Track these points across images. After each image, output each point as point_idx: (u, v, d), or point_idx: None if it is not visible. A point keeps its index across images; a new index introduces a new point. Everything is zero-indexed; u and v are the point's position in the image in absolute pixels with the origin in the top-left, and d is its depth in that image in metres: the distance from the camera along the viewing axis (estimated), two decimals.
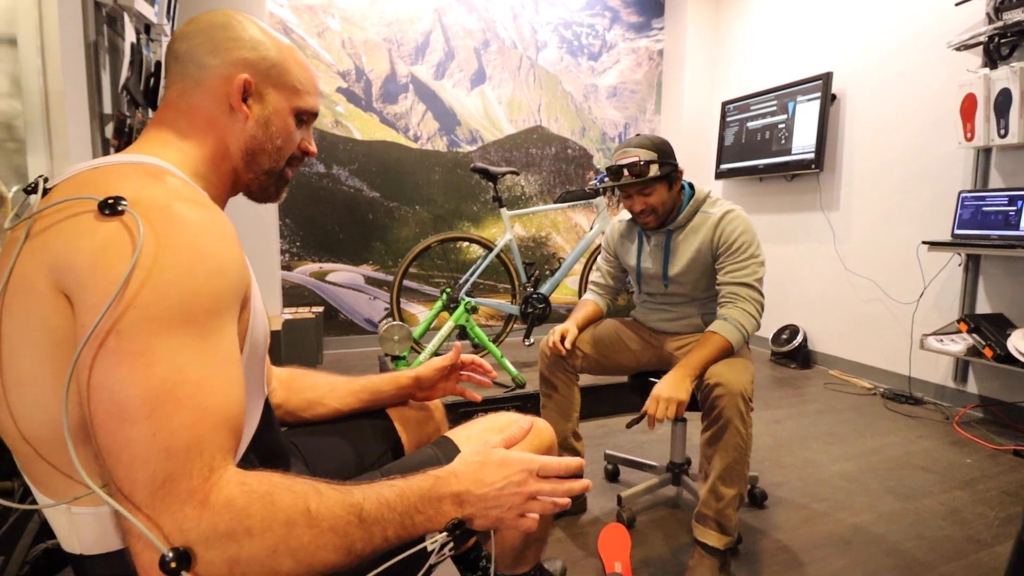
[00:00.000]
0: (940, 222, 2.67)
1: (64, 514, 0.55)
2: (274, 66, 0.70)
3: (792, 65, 3.50)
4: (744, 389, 1.29)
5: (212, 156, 0.68)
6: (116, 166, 0.58)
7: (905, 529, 1.60)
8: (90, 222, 0.50)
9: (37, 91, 1.84)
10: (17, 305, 0.51)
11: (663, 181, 1.47)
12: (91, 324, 0.46)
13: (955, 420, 2.45)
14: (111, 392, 0.46)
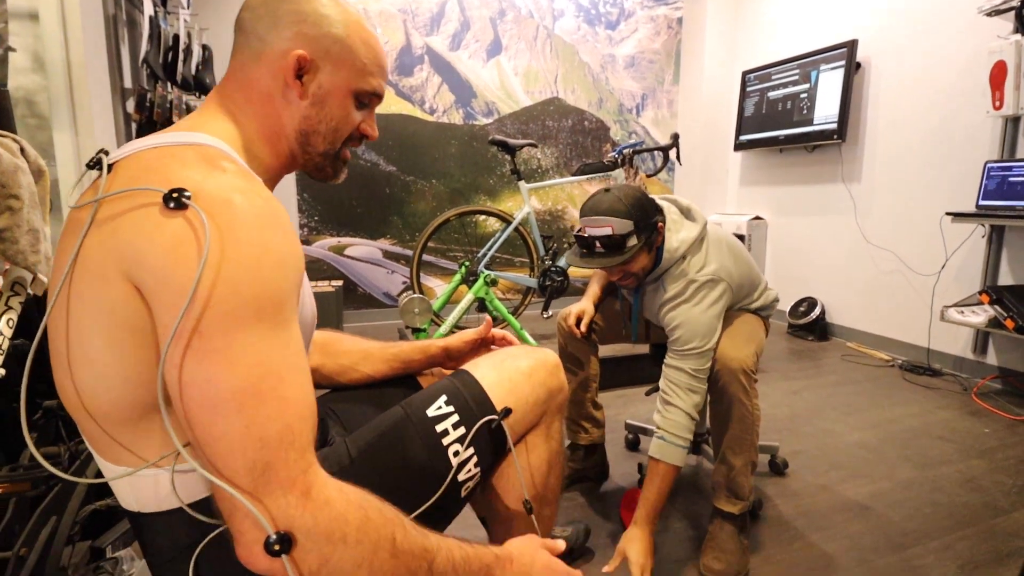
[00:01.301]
0: (965, 193, 2.63)
1: (126, 476, 0.58)
2: (336, 43, 0.67)
3: (815, 33, 3.41)
4: (744, 364, 1.29)
5: (267, 134, 0.68)
6: (174, 148, 0.57)
7: (923, 496, 1.62)
8: (157, 217, 0.50)
9: (60, 65, 1.85)
10: (86, 288, 0.52)
11: (644, 248, 1.29)
12: (171, 324, 0.49)
13: (973, 391, 2.45)
14: (201, 389, 0.49)
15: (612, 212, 1.26)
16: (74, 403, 0.56)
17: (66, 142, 1.87)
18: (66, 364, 0.54)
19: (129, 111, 2.15)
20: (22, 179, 0.90)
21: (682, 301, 1.32)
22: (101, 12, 2.01)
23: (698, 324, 1.30)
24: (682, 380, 1.30)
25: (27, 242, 0.91)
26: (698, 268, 1.34)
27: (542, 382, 0.87)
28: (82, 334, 0.53)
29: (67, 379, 0.55)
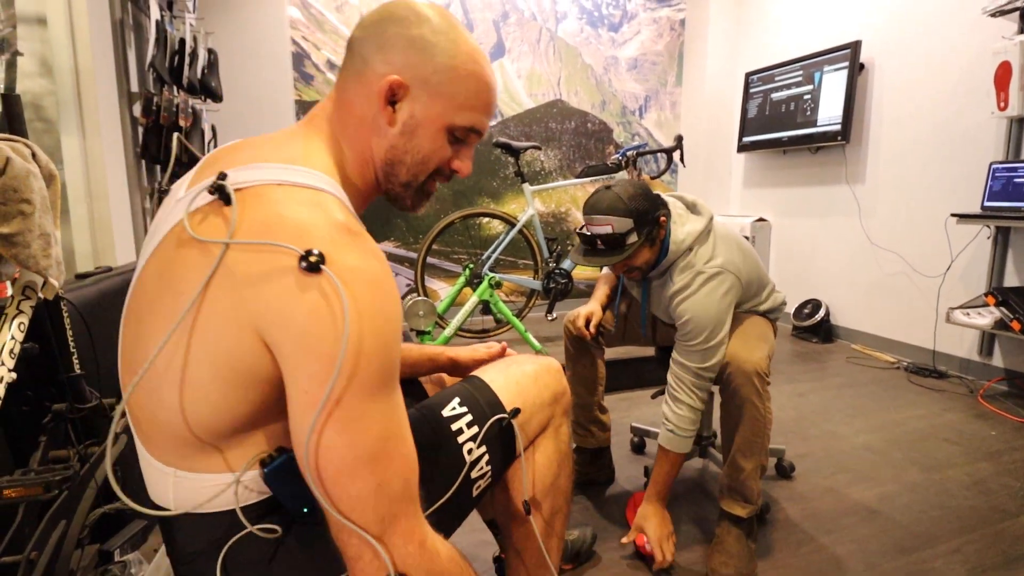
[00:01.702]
0: (970, 194, 2.63)
1: (171, 476, 0.60)
2: (438, 72, 0.64)
3: (819, 34, 3.41)
4: (758, 367, 1.28)
5: (359, 159, 0.67)
6: (297, 192, 0.57)
7: (930, 499, 1.62)
8: (295, 281, 0.52)
9: (68, 70, 1.86)
10: (211, 329, 0.54)
11: (645, 243, 1.30)
12: (307, 388, 0.52)
13: (980, 393, 2.44)
14: (340, 454, 0.53)
15: (611, 210, 1.27)
16: (150, 415, 0.59)
17: (73, 146, 1.88)
18: (158, 379, 0.56)
19: (136, 115, 2.16)
20: (34, 184, 0.90)
21: (690, 293, 1.31)
22: (108, 17, 2.02)
23: (707, 316, 1.29)
24: (689, 378, 1.33)
25: (39, 247, 0.91)
26: (705, 260, 1.34)
27: (547, 385, 0.90)
28: (199, 364, 0.55)
29: (155, 392, 0.57)
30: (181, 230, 0.56)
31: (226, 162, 0.61)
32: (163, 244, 0.59)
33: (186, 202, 0.57)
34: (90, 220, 1.91)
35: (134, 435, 0.64)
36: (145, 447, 0.62)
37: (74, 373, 1.14)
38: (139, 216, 2.16)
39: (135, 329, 0.60)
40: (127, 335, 0.62)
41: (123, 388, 0.64)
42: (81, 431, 1.15)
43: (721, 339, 1.31)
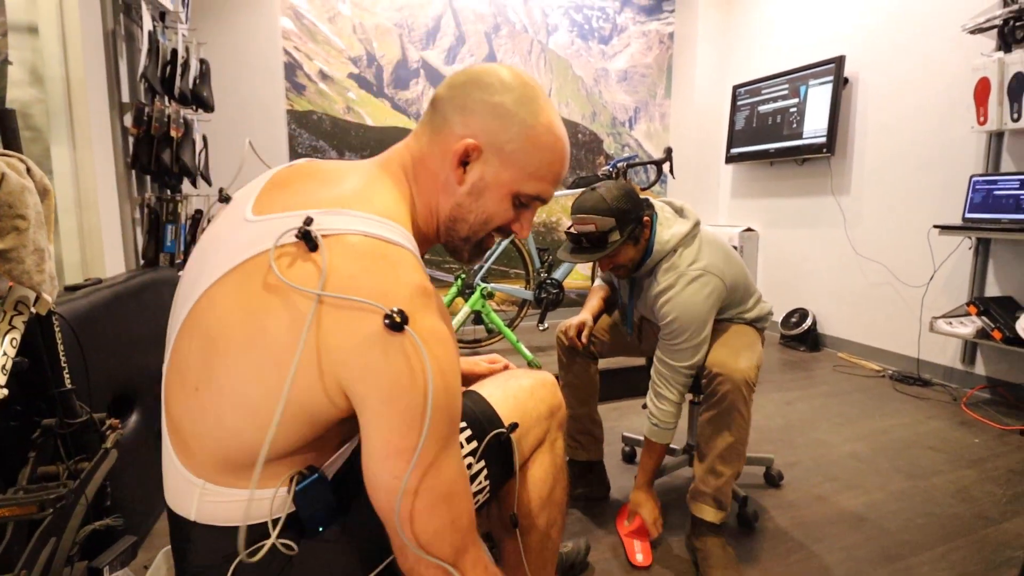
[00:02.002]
0: (951, 206, 2.69)
1: (199, 488, 0.62)
2: (513, 141, 0.68)
3: (804, 48, 3.48)
4: (747, 377, 1.31)
5: (427, 210, 0.71)
6: (380, 247, 0.59)
7: (916, 507, 1.64)
8: (381, 338, 0.56)
9: (59, 80, 1.86)
10: (274, 374, 0.57)
11: (627, 242, 1.37)
12: (390, 439, 0.57)
13: (963, 401, 2.49)
14: (422, 496, 0.59)
15: (595, 210, 1.33)
16: (200, 430, 0.61)
17: (64, 156, 1.87)
18: (223, 402, 0.59)
19: (127, 125, 2.15)
20: (29, 199, 0.90)
21: (674, 294, 1.36)
22: (100, 28, 2.02)
23: (689, 316, 1.35)
24: (671, 375, 1.39)
25: (32, 262, 0.91)
26: (689, 262, 1.38)
27: (543, 399, 0.92)
28: (266, 395, 0.57)
29: (213, 413, 0.60)
30: (267, 267, 0.58)
31: (300, 191, 0.64)
32: (245, 275, 0.59)
33: (270, 237, 0.59)
34: (79, 231, 1.90)
35: (167, 443, 0.65)
36: (179, 457, 0.64)
37: (65, 388, 1.13)
38: (128, 227, 2.15)
39: (203, 346, 0.60)
40: (190, 349, 0.62)
41: (168, 395, 0.65)
42: (71, 446, 1.14)
43: (703, 339, 1.36)
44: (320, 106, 3.34)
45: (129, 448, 1.42)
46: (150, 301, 1.76)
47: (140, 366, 1.59)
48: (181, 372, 0.62)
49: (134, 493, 1.45)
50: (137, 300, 1.65)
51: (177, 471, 0.64)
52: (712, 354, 1.38)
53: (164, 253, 2.26)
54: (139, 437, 1.52)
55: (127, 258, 2.15)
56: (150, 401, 1.60)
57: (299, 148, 3.33)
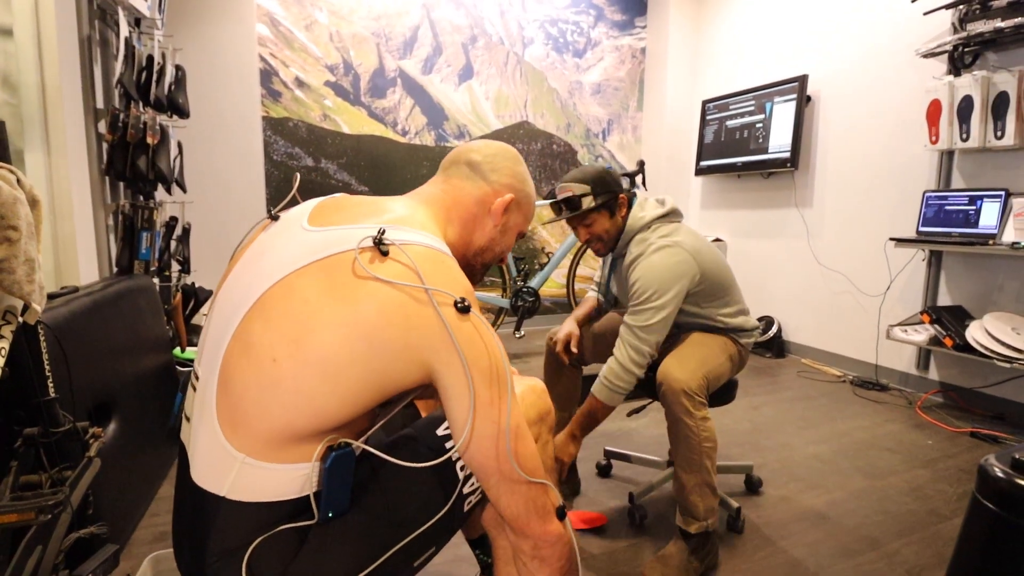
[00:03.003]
0: (906, 219, 2.84)
1: (238, 462, 0.68)
2: (526, 197, 0.98)
3: (770, 67, 3.63)
4: (687, 385, 1.34)
5: (461, 240, 0.92)
6: (437, 254, 0.76)
7: (873, 504, 1.74)
8: (455, 319, 0.71)
9: (34, 86, 1.83)
10: (379, 345, 0.68)
11: (601, 210, 1.53)
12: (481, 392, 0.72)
13: (917, 405, 2.62)
14: (514, 429, 0.76)
15: (572, 179, 1.53)
16: (257, 401, 0.67)
17: (38, 163, 1.84)
18: (300, 367, 0.67)
19: (102, 132, 2.13)
20: (20, 210, 0.91)
21: (642, 259, 1.48)
22: (76, 33, 2.00)
23: (652, 277, 1.44)
24: (627, 336, 1.45)
25: (23, 272, 0.92)
26: (662, 235, 1.50)
27: (533, 404, 0.97)
28: (334, 371, 0.67)
29: (284, 383, 0.66)
30: (350, 263, 0.70)
31: (353, 213, 0.79)
32: (328, 268, 0.70)
33: (344, 242, 0.72)
34: (53, 238, 1.87)
35: (212, 418, 0.69)
36: (224, 430, 0.68)
37: (49, 397, 1.13)
38: (103, 234, 2.12)
39: (282, 324, 0.68)
40: (265, 328, 0.69)
41: (231, 370, 0.69)
42: (54, 455, 1.14)
43: (663, 304, 1.42)
44: (296, 113, 3.34)
45: (109, 457, 1.41)
46: (127, 309, 1.75)
47: (119, 374, 1.58)
48: (252, 349, 0.69)
49: (114, 502, 1.44)
50: (114, 308, 1.64)
51: (217, 446, 0.69)
52: (662, 363, 1.42)
53: (139, 260, 2.24)
54: (118, 446, 1.51)
55: (101, 266, 2.13)
56: (128, 409, 1.59)
57: (274, 155, 3.32)
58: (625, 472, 1.95)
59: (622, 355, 1.45)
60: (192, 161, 2.82)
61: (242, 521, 0.69)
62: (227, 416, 0.69)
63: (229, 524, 0.69)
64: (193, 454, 0.72)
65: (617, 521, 1.64)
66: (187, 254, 2.63)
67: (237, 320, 0.71)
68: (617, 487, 1.84)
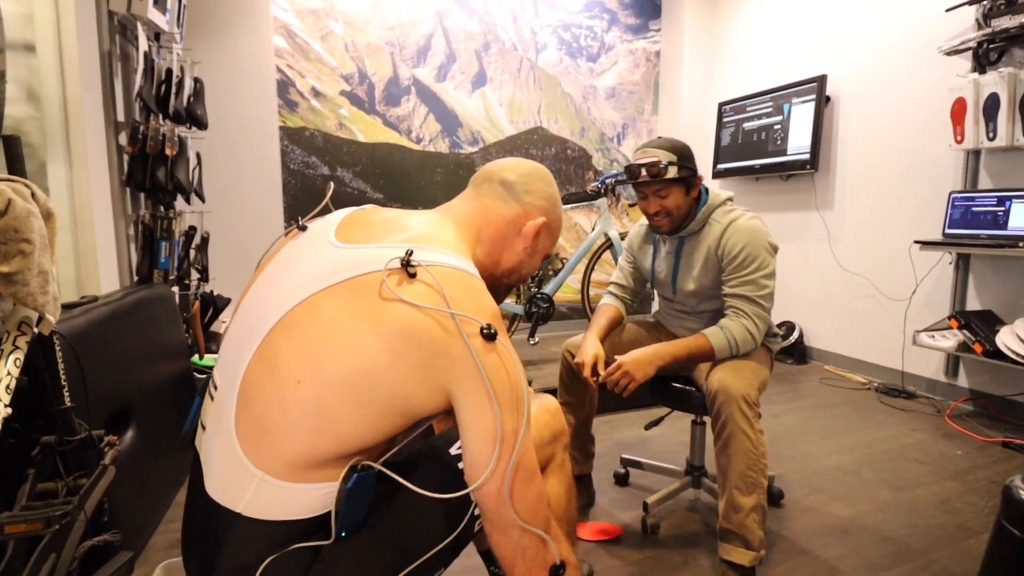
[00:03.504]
0: (931, 222, 2.76)
1: (256, 480, 0.68)
2: (556, 220, 0.96)
3: (787, 67, 3.57)
4: (746, 393, 1.29)
5: (490, 261, 0.90)
6: (465, 276, 0.75)
7: (899, 518, 1.68)
8: (480, 346, 0.69)
9: (56, 100, 1.88)
10: (402, 370, 0.67)
11: (680, 184, 1.46)
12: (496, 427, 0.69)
13: (946, 413, 2.54)
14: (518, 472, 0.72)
15: (660, 146, 1.47)
16: (281, 421, 0.67)
17: (60, 175, 1.88)
18: (322, 391, 0.66)
19: (122, 143, 2.18)
20: (34, 224, 0.92)
21: (741, 224, 1.47)
22: (97, 48, 2.05)
23: (758, 242, 1.45)
24: (748, 307, 1.43)
25: (37, 284, 0.93)
26: (744, 210, 1.52)
27: (546, 424, 0.96)
28: (359, 396, 0.67)
29: (307, 406, 0.66)
30: (378, 285, 0.69)
31: (381, 228, 0.78)
32: (354, 289, 0.70)
33: (371, 262, 0.71)
34: (75, 248, 1.91)
35: (231, 434, 0.69)
36: (244, 447, 0.68)
37: (64, 406, 1.15)
38: (123, 244, 2.16)
39: (306, 345, 0.68)
40: (289, 348, 0.68)
41: (253, 389, 0.69)
42: (70, 463, 1.15)
43: (772, 271, 1.46)
44: (312, 122, 3.38)
45: (126, 464, 1.43)
46: (145, 318, 1.77)
47: (136, 382, 1.60)
48: (276, 368, 0.68)
49: (130, 509, 1.45)
50: (132, 317, 1.66)
51: (236, 462, 0.68)
52: (712, 373, 1.37)
53: (158, 270, 2.27)
54: (135, 453, 1.53)
55: (121, 275, 2.16)
56: (146, 417, 1.61)
57: (291, 164, 3.36)
58: (641, 480, 1.92)
59: (749, 323, 1.42)
60: (211, 171, 2.86)
61: (256, 538, 0.69)
62: (247, 433, 0.68)
63: (243, 540, 0.69)
64: (208, 466, 0.72)
65: (631, 533, 1.61)
66: (206, 263, 2.67)
67: (261, 335, 0.70)
68: (633, 496, 1.80)
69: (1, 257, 0.89)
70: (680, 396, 1.57)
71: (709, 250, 1.51)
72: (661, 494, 1.68)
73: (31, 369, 1.12)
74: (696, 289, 1.56)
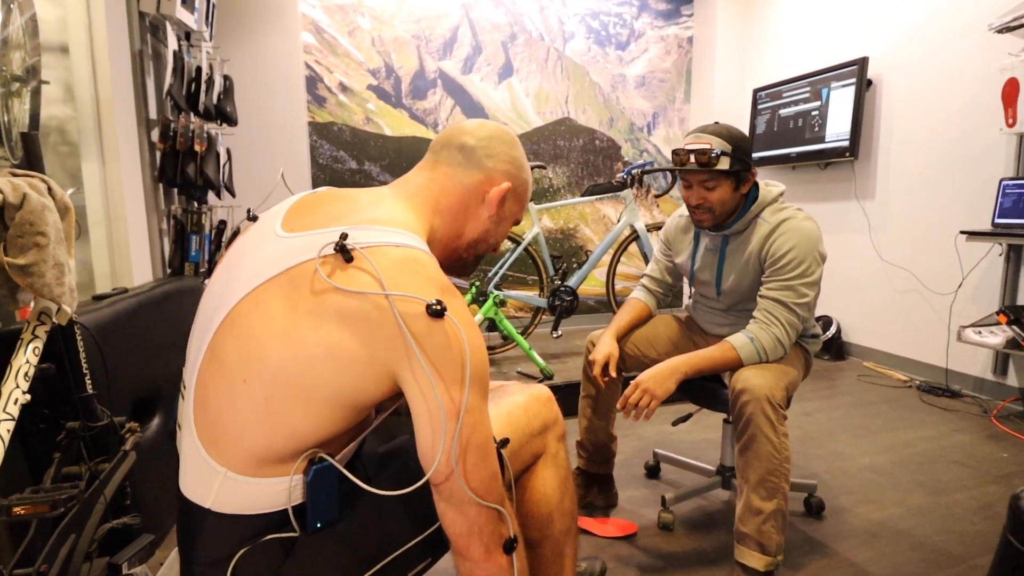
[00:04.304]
0: (980, 211, 2.60)
1: (220, 476, 0.68)
2: (522, 184, 0.89)
3: (826, 50, 3.42)
4: (771, 394, 1.23)
5: (450, 235, 0.84)
6: (413, 252, 0.70)
7: (934, 523, 1.59)
8: (425, 325, 0.65)
9: (89, 99, 1.95)
10: (344, 359, 0.65)
11: (730, 178, 1.34)
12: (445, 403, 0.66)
13: (993, 414, 2.40)
14: (474, 446, 0.68)
15: (715, 133, 1.34)
16: (233, 418, 0.67)
17: (93, 171, 1.96)
18: (272, 391, 0.65)
19: (154, 140, 2.25)
20: (48, 217, 0.96)
21: (792, 224, 1.35)
22: (128, 47, 2.11)
23: (808, 245, 1.33)
24: (783, 314, 1.33)
25: (52, 276, 0.97)
26: (798, 209, 1.40)
27: (537, 414, 0.94)
28: (318, 384, 0.65)
29: (255, 401, 0.66)
30: (311, 275, 0.66)
31: (327, 213, 0.74)
32: (289, 281, 0.67)
33: (308, 250, 0.68)
34: (109, 242, 1.98)
35: (192, 433, 0.70)
36: (205, 446, 0.68)
37: (86, 393, 1.19)
38: (156, 238, 2.24)
39: (248, 344, 0.67)
40: (234, 347, 0.68)
41: (206, 388, 0.69)
42: (92, 448, 1.20)
43: (816, 279, 1.34)
44: (340, 117, 3.42)
45: (150, 450, 1.48)
46: (172, 309, 1.83)
47: (162, 371, 1.66)
48: (224, 367, 0.68)
49: (154, 494, 1.50)
50: (159, 308, 1.72)
51: (199, 459, 0.69)
52: (738, 371, 1.32)
53: (189, 263, 2.35)
54: (161, 440, 1.58)
55: (154, 268, 2.24)
56: (172, 406, 1.66)
57: (320, 159, 3.41)
58: (671, 476, 1.89)
59: (781, 332, 1.32)
60: (241, 167, 2.93)
61: (227, 533, 0.69)
62: (206, 432, 0.69)
63: (215, 535, 0.70)
64: (182, 464, 0.73)
65: (650, 530, 1.58)
66: None
67: (211, 334, 0.70)
68: (660, 493, 1.76)
69: (17, 250, 0.92)
70: (708, 393, 1.52)
71: (751, 251, 1.40)
72: (682, 491, 1.64)
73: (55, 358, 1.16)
74: (738, 290, 1.47)
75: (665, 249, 1.68)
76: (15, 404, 0.92)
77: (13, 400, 0.92)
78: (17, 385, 0.94)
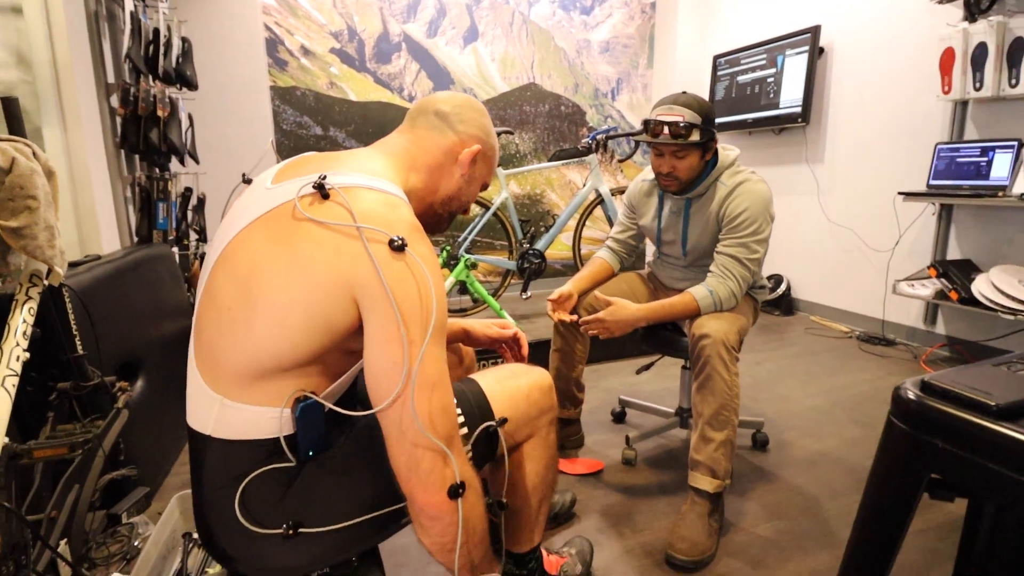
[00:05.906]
0: (918, 173, 2.79)
1: (217, 403, 0.75)
2: (491, 149, 0.99)
3: (781, 18, 3.53)
4: (726, 338, 1.36)
5: (426, 189, 0.93)
6: (385, 197, 0.77)
7: (865, 451, 1.79)
8: (386, 256, 0.71)
9: (46, 63, 1.90)
10: (314, 285, 0.71)
11: (698, 148, 1.45)
12: (394, 331, 0.70)
13: (922, 359, 2.64)
14: (424, 375, 0.72)
15: (687, 105, 1.43)
16: (226, 344, 0.74)
17: (55, 138, 1.93)
18: (254, 314, 0.72)
19: (114, 106, 2.20)
20: (38, 181, 0.99)
21: (747, 187, 1.48)
22: (83, 9, 2.05)
23: (760, 207, 1.47)
24: (737, 268, 1.47)
25: (44, 238, 1.00)
26: (751, 172, 1.52)
27: (536, 402, 1.01)
28: (291, 307, 0.72)
29: (243, 325, 0.72)
30: (291, 211, 0.74)
31: (312, 168, 0.81)
32: (272, 218, 0.75)
33: (293, 190, 0.76)
34: (75, 210, 1.97)
35: (193, 365, 0.78)
36: (203, 376, 0.76)
37: (77, 353, 1.23)
38: (121, 205, 2.22)
39: (236, 275, 0.74)
40: (224, 280, 0.75)
41: (200, 321, 0.78)
42: (86, 406, 1.25)
43: (766, 237, 1.48)
44: (303, 82, 3.36)
45: (139, 410, 1.53)
46: (147, 276, 1.85)
47: (143, 335, 1.69)
48: (215, 299, 0.76)
49: (145, 450, 1.56)
50: (135, 275, 1.74)
51: (200, 389, 0.77)
52: (696, 319, 1.45)
53: (157, 230, 2.34)
54: (147, 400, 1.63)
55: (122, 236, 2.23)
56: (154, 368, 1.70)
57: (283, 124, 3.36)
58: (635, 420, 2.05)
59: (735, 285, 1.46)
60: (203, 133, 2.88)
61: (228, 458, 0.77)
62: (202, 361, 0.77)
63: (218, 461, 0.77)
64: (188, 397, 0.81)
65: (616, 467, 1.73)
66: (203, 224, 2.72)
67: (207, 275, 0.79)
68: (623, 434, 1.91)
69: (9, 213, 0.95)
70: (669, 342, 1.66)
71: (712, 212, 1.52)
72: (644, 431, 1.80)
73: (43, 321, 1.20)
74: (699, 248, 1.60)
75: (629, 212, 1.78)
76: (17, 361, 0.97)
77: (15, 357, 0.96)
78: (17, 343, 0.98)
